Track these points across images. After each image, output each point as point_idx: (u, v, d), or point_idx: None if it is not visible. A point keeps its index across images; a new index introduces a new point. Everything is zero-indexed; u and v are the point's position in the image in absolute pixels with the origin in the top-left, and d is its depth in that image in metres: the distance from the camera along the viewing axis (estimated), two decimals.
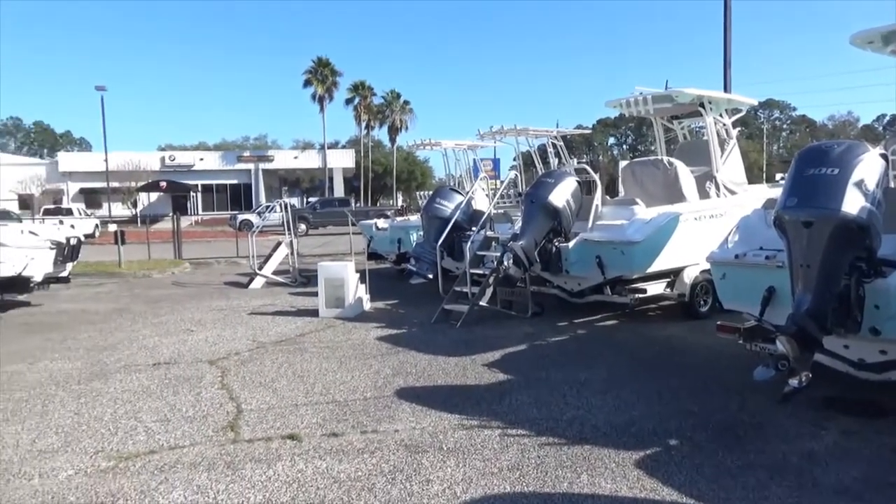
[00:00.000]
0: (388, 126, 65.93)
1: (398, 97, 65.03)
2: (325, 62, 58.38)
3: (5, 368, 7.27)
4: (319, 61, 58.33)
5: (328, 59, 58.57)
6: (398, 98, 65.00)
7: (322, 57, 58.54)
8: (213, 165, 56.61)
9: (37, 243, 11.05)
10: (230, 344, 8.36)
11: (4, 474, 4.37)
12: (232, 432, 5.11)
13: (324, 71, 58.18)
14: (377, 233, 15.06)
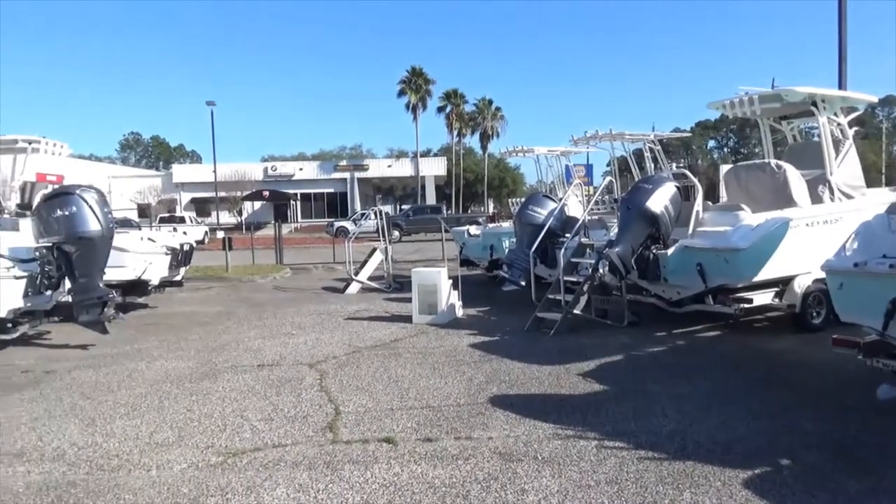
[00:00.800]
0: (479, 133, 66.35)
1: (490, 104, 65.31)
2: (418, 71, 59.49)
3: (127, 366, 7.83)
4: (413, 71, 59.51)
5: (422, 69, 59.72)
6: (490, 105, 65.26)
7: (416, 66, 59.76)
8: (311, 175, 58.84)
9: (154, 249, 11.88)
10: (328, 348, 8.63)
11: (126, 465, 4.70)
12: (331, 433, 5.26)
13: (417, 80, 59.29)
14: (469, 239, 15.14)
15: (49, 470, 4.64)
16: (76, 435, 5.37)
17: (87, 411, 6.02)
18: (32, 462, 4.80)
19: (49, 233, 8.55)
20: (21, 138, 11.04)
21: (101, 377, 7.30)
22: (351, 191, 57.60)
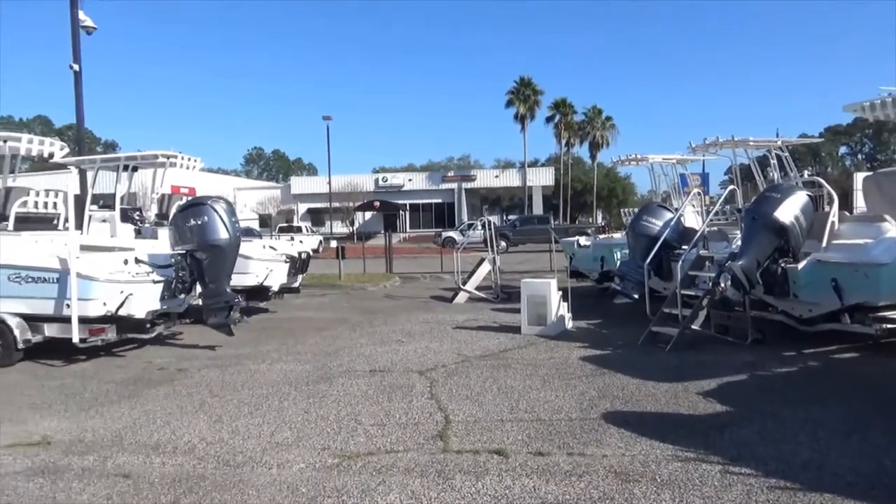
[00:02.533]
0: (588, 143, 65.13)
1: (600, 113, 64.04)
2: (527, 82, 59.32)
3: (250, 367, 8.27)
4: (522, 81, 59.41)
5: (530, 79, 59.47)
6: (600, 114, 63.99)
7: (524, 76, 59.63)
8: (420, 186, 60.04)
9: (275, 257, 12.52)
10: (437, 356, 8.70)
11: (250, 462, 4.94)
12: (441, 441, 5.28)
13: (526, 90, 59.12)
14: (579, 250, 14.83)
15: (181, 463, 4.95)
16: (205, 431, 5.71)
17: (215, 409, 6.39)
18: (166, 454, 5.14)
19: (183, 241, 9.20)
20: (161, 154, 11.98)
21: (227, 377, 7.75)
22: (458, 201, 58.19)
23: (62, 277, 8.32)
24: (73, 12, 15.71)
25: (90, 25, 16.55)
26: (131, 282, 8.70)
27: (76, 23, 15.79)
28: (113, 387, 7.37)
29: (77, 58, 15.69)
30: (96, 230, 11.77)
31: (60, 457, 5.14)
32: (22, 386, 7.49)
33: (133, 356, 9.09)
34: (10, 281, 8.46)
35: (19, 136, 9.55)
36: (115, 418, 6.14)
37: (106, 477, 4.70)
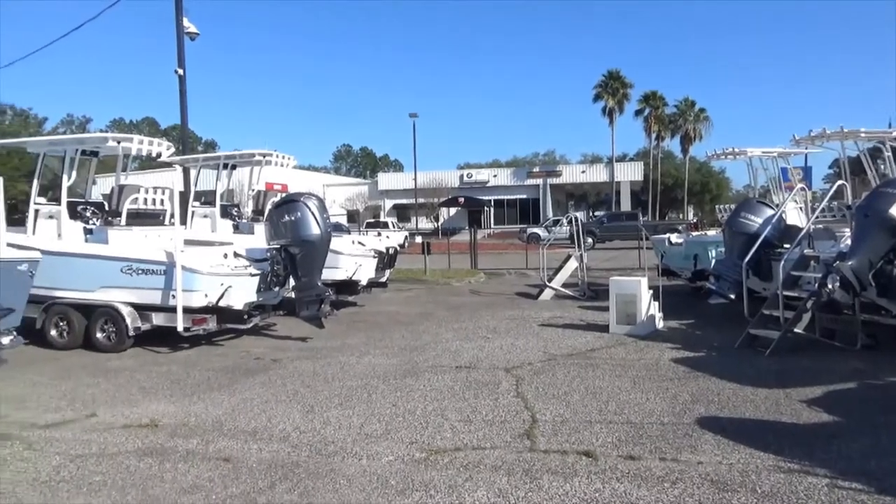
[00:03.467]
0: (680, 136, 62.82)
1: (692, 105, 61.64)
2: (615, 75, 57.91)
3: (340, 359, 8.50)
4: (610, 74, 58.06)
5: (619, 72, 58.03)
6: (692, 106, 61.59)
7: (613, 70, 58.24)
8: (504, 181, 59.82)
9: (363, 252, 12.81)
10: (523, 354, 8.64)
11: (340, 452, 5.07)
12: (528, 440, 5.24)
13: (614, 84, 57.74)
14: (670, 248, 14.33)
15: (276, 449, 5.15)
16: (298, 420, 5.91)
17: (307, 399, 6.61)
18: (263, 441, 5.36)
19: (278, 236, 9.57)
20: (258, 152, 12.51)
21: (318, 368, 7.99)
22: (543, 197, 57.56)
23: (168, 270, 8.83)
24: (178, 20, 16.64)
25: (193, 32, 17.49)
26: (230, 275, 9.13)
27: (181, 30, 16.72)
28: (213, 374, 7.76)
29: (181, 62, 16.61)
30: (198, 225, 12.45)
31: (167, 439, 5.46)
32: (132, 370, 8.01)
33: (231, 346, 9.54)
34: (123, 273, 9.06)
35: (131, 136, 10.21)
36: (216, 404, 6.47)
37: (208, 460, 4.95)
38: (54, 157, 10.33)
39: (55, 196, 10.03)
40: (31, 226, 9.87)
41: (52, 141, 10.99)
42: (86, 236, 9.89)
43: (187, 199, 12.61)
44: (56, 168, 10.26)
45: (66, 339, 9.23)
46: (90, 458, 5.03)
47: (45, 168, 10.31)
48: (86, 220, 10.10)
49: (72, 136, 12.21)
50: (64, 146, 10.15)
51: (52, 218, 9.85)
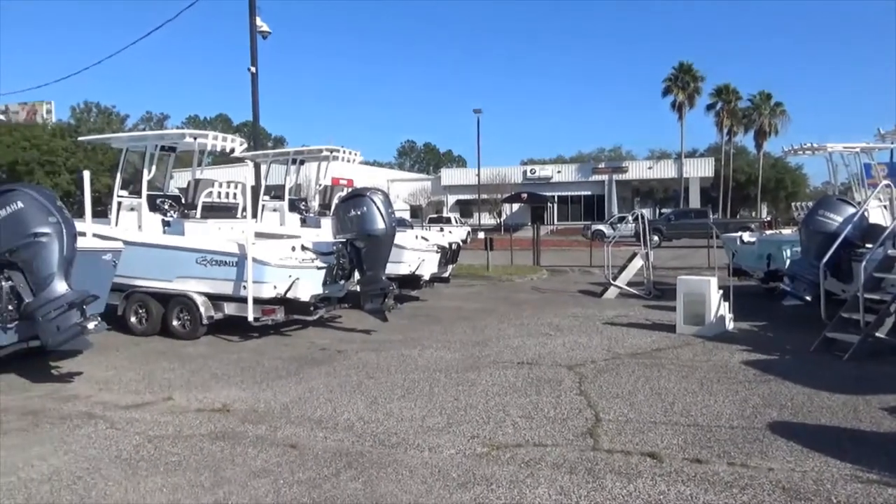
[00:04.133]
0: (754, 131, 60.47)
1: (768, 99, 59.19)
2: (686, 68, 56.24)
3: (402, 352, 8.61)
4: (681, 67, 56.43)
5: (690, 65, 56.30)
6: (768, 100, 59.15)
7: (684, 62, 56.56)
8: (568, 178, 59.10)
9: (427, 247, 12.91)
10: (586, 351, 8.54)
11: (403, 443, 5.15)
12: (591, 439, 5.18)
13: (685, 77, 56.09)
14: (742, 247, 13.83)
15: (341, 438, 5.27)
16: (362, 410, 6.03)
17: (371, 390, 6.73)
18: (328, 430, 5.50)
19: (344, 230, 9.76)
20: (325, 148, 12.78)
21: (382, 360, 8.13)
22: (608, 193, 56.59)
23: (240, 262, 9.15)
24: (251, 19, 17.16)
25: (266, 31, 18.00)
26: (298, 267, 9.38)
27: (254, 29, 17.23)
28: (281, 363, 8.01)
29: (254, 61, 17.13)
30: (268, 219, 12.84)
31: (237, 424, 5.67)
32: (205, 357, 8.35)
33: (298, 336, 9.80)
34: (197, 263, 9.44)
35: (206, 133, 10.62)
36: (284, 392, 6.67)
37: (276, 445, 5.12)
38: (136, 153, 10.85)
39: (136, 189, 10.53)
40: (114, 217, 10.40)
41: (134, 137, 11.56)
42: (164, 228, 10.36)
43: (258, 194, 13.02)
44: (137, 163, 10.78)
45: (144, 325, 9.70)
46: (167, 439, 5.29)
47: (127, 163, 10.85)
48: (164, 213, 10.57)
49: (152, 133, 12.79)
50: (145, 142, 10.65)
51: (133, 210, 10.36)
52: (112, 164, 31.59)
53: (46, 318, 6.61)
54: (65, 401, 6.45)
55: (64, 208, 6.89)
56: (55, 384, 7.11)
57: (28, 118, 47.08)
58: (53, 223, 6.61)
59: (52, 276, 6.59)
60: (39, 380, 7.23)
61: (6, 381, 7.12)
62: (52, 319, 6.62)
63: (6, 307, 6.68)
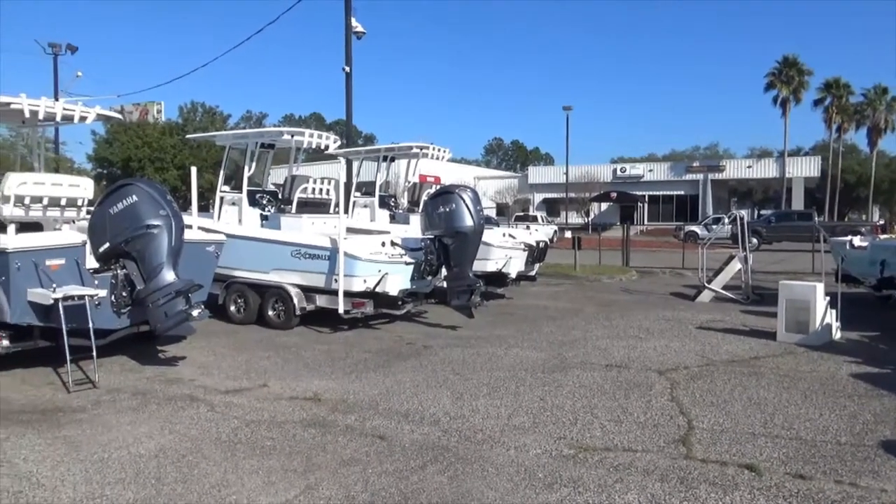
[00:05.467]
0: (867, 128, 56.39)
1: (884, 93, 54.95)
2: (791, 61, 53.11)
3: (488, 349, 8.61)
4: (785, 61, 53.36)
5: (796, 58, 53.11)
6: (884, 94, 54.94)
7: (789, 56, 53.41)
8: (660, 177, 57.17)
9: (514, 245, 12.86)
10: (678, 356, 8.24)
11: (489, 441, 5.15)
12: (683, 447, 5.00)
13: (789, 72, 52.97)
14: (852, 252, 12.93)
15: (427, 433, 5.33)
16: (448, 405, 6.08)
17: (457, 386, 6.77)
18: (414, 423, 5.57)
19: (432, 227, 9.87)
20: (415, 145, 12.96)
21: (467, 357, 8.16)
22: (703, 193, 54.33)
23: (332, 255, 9.43)
24: (347, 21, 17.63)
25: (360, 31, 18.44)
26: (387, 262, 9.57)
27: (349, 29, 17.70)
28: (369, 356, 8.19)
29: (349, 60, 17.59)
30: (359, 215, 13.17)
31: (328, 413, 5.85)
32: (298, 347, 8.66)
33: (385, 330, 10.00)
34: (292, 256, 9.81)
35: (303, 131, 11.02)
36: (372, 384, 6.82)
37: (365, 436, 5.24)
38: (237, 150, 11.39)
39: (237, 185, 11.06)
40: (216, 211, 10.97)
41: (237, 135, 12.15)
42: (262, 222, 10.82)
43: (349, 190, 13.37)
44: (239, 160, 11.32)
45: (242, 314, 10.17)
46: (262, 424, 5.52)
47: (229, 160, 11.41)
48: (262, 207, 11.05)
49: (253, 131, 13.39)
50: (246, 140, 11.17)
51: (234, 205, 10.89)
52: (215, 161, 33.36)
53: (156, 305, 7.05)
54: (170, 383, 6.86)
55: (173, 202, 7.32)
56: (162, 367, 7.58)
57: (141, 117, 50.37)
58: (164, 216, 7.03)
59: (162, 266, 7.01)
60: (148, 362, 7.73)
61: (119, 363, 7.65)
62: (160, 306, 7.05)
63: (121, 293, 7.18)
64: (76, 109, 7.83)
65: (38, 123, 8.41)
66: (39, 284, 6.65)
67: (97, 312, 6.87)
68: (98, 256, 7.10)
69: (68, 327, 6.51)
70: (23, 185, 7.16)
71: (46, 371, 7.20)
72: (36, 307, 6.71)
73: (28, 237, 6.95)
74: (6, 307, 6.70)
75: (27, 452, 4.85)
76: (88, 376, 6.84)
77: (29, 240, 6.86)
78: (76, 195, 7.64)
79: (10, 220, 7.11)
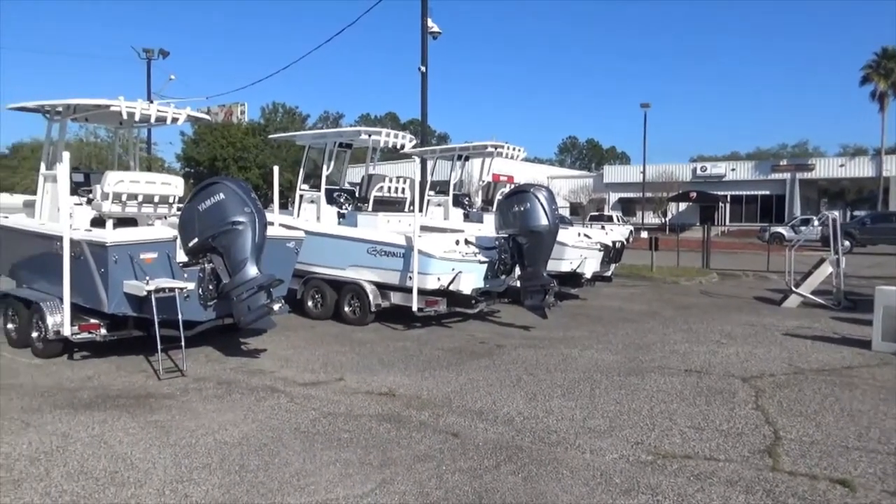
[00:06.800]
0: None
1: None
2: (891, 53, 49.82)
3: (562, 350, 8.50)
4: (884, 52, 50.09)
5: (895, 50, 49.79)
6: None
7: (888, 47, 50.12)
8: (744, 176, 54.87)
9: (589, 245, 12.64)
10: (763, 363, 7.89)
11: (563, 443, 5.08)
12: (769, 458, 4.78)
13: (888, 63, 49.74)
14: None
15: (501, 432, 5.32)
16: (521, 405, 6.04)
17: (530, 386, 6.72)
18: (488, 422, 5.57)
19: (506, 226, 9.83)
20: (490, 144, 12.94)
21: (541, 357, 8.08)
22: (790, 193, 51.78)
23: (407, 253, 9.54)
24: (423, 21, 17.79)
25: (436, 31, 18.57)
26: (461, 261, 9.60)
27: (425, 30, 17.85)
28: (442, 353, 8.24)
29: (424, 60, 17.75)
30: (433, 213, 13.26)
31: (402, 408, 5.92)
32: (373, 343, 8.81)
33: (458, 328, 10.03)
34: (368, 254, 9.99)
35: (380, 130, 11.21)
36: (445, 382, 6.86)
37: (439, 433, 5.28)
38: (316, 149, 11.70)
39: (316, 183, 11.35)
40: (296, 209, 11.30)
41: (316, 135, 12.47)
42: (339, 220, 11.07)
43: (424, 189, 13.49)
44: (317, 158, 11.62)
45: (319, 310, 10.44)
46: (339, 417, 5.65)
47: (308, 159, 11.73)
48: (339, 205, 11.30)
49: (332, 130, 13.71)
50: (325, 139, 11.46)
51: (312, 203, 11.19)
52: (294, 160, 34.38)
53: (240, 299, 7.32)
54: (252, 374, 7.12)
55: (257, 200, 7.59)
56: (244, 358, 7.87)
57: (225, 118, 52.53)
58: (248, 213, 7.30)
59: (246, 261, 7.28)
60: (231, 353, 8.05)
61: (204, 353, 8.00)
62: (244, 300, 7.32)
63: (207, 287, 7.50)
64: (169, 111, 8.23)
65: (134, 125, 8.91)
66: (134, 277, 7.04)
67: (186, 304, 7.21)
68: (187, 251, 7.44)
69: (159, 318, 6.86)
70: (120, 182, 7.58)
71: (139, 359, 7.62)
72: (131, 298, 7.12)
73: (124, 232, 7.37)
74: (104, 298, 7.13)
75: (122, 435, 5.15)
76: (177, 365, 7.19)
77: (125, 234, 7.28)
78: (168, 192, 8.03)
79: (109, 215, 7.56)
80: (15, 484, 4.22)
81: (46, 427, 5.31)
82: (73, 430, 5.25)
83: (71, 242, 7.04)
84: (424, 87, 17.94)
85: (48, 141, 8.57)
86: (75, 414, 5.64)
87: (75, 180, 8.31)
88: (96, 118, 9.27)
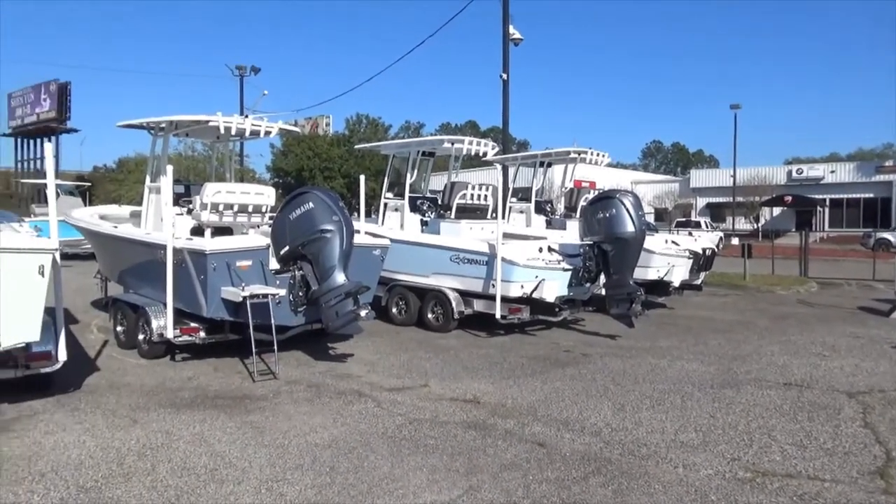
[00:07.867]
0: None
1: None
2: None
3: (650, 360, 8.26)
4: None
5: None
6: None
7: None
8: (844, 178, 51.64)
9: (677, 252, 12.23)
10: (871, 378, 7.39)
11: (654, 456, 4.93)
12: (881, 480, 4.47)
13: None
14: None
15: (588, 443, 5.22)
16: (609, 416, 5.91)
17: (617, 396, 6.56)
18: (575, 432, 5.48)
19: (591, 232, 9.66)
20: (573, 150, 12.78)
21: (628, 367, 7.88)
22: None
23: (489, 261, 9.54)
24: (504, 28, 17.81)
25: (518, 37, 18.55)
26: (544, 268, 9.51)
27: (506, 37, 17.86)
28: (526, 361, 8.17)
29: (506, 67, 17.75)
30: (515, 220, 13.21)
31: (487, 416, 5.91)
32: (456, 350, 8.85)
33: (542, 336, 9.93)
34: (451, 261, 10.05)
35: (462, 138, 11.29)
36: (530, 390, 6.80)
37: (524, 442, 5.23)
38: (400, 158, 11.91)
39: (400, 192, 11.55)
40: (381, 217, 11.52)
41: (400, 144, 12.70)
42: (422, 227, 11.21)
43: (506, 196, 13.47)
44: (401, 167, 11.82)
45: (403, 316, 10.59)
46: (424, 423, 5.70)
47: (392, 168, 11.96)
48: (423, 213, 11.44)
49: (415, 140, 13.93)
50: (408, 148, 11.65)
51: (396, 211, 11.38)
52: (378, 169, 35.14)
53: (328, 305, 7.54)
54: (340, 378, 7.31)
55: (345, 208, 7.80)
56: (332, 363, 8.09)
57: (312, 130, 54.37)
58: (336, 221, 7.51)
59: (334, 268, 7.49)
60: (320, 358, 8.29)
61: (295, 357, 8.28)
62: (332, 306, 7.53)
63: (298, 293, 7.76)
64: (262, 125, 8.60)
65: (230, 138, 9.35)
66: (231, 283, 7.38)
67: (278, 310, 7.49)
68: (279, 258, 7.73)
69: (254, 323, 7.16)
70: (217, 193, 7.97)
71: (234, 361, 7.97)
72: (227, 303, 7.46)
73: (221, 240, 7.74)
74: (203, 303, 7.51)
75: (220, 434, 5.39)
76: (270, 368, 7.48)
77: (222, 243, 7.65)
78: (261, 202, 8.38)
79: (208, 224, 7.97)
80: (125, 477, 4.50)
81: (152, 424, 5.63)
82: (176, 427, 5.55)
83: (173, 250, 7.46)
84: (506, 94, 17.94)
85: (152, 155, 9.12)
86: (178, 413, 5.96)
87: (176, 192, 8.80)
88: (196, 133, 9.79)
